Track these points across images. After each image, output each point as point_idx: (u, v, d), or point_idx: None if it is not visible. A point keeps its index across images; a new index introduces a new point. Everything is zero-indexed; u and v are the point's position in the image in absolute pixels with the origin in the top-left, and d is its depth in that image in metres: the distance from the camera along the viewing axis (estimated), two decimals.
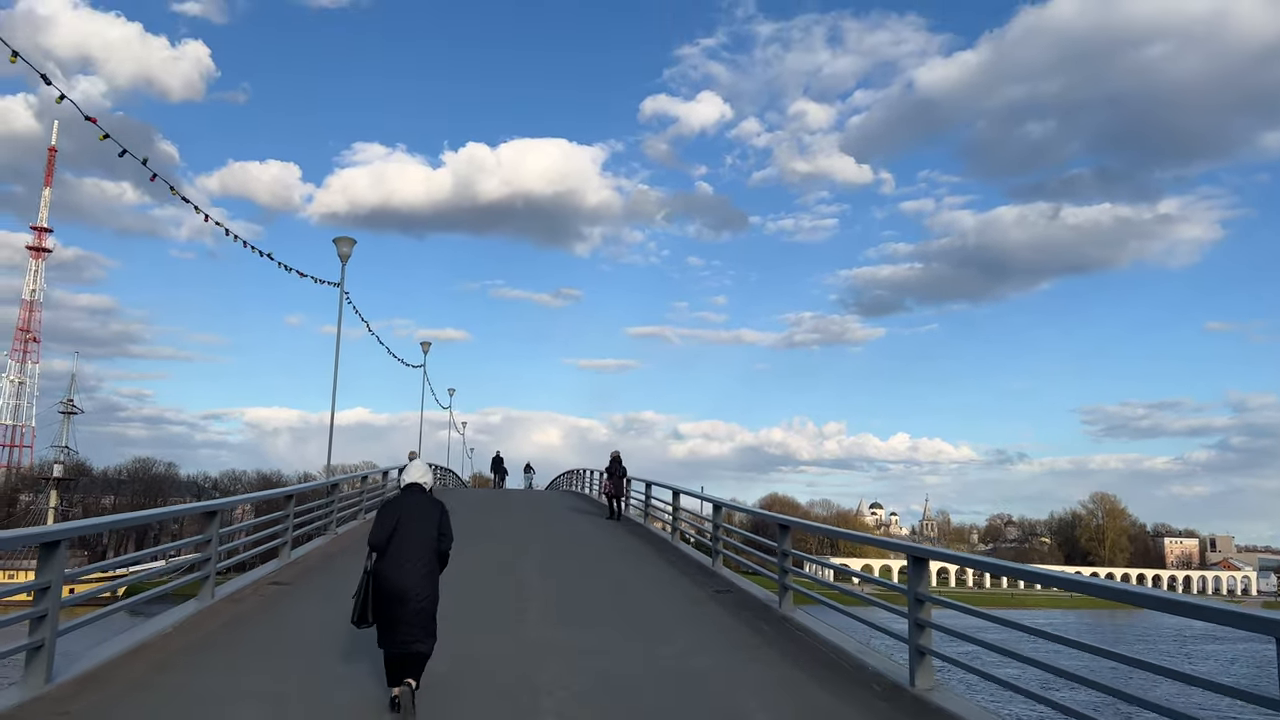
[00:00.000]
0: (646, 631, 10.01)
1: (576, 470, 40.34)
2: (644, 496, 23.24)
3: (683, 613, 11.34)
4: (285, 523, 14.12)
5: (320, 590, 11.76)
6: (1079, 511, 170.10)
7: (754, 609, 11.65)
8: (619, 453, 25.19)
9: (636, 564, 15.82)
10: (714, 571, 14.82)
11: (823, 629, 10.19)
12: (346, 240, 19.87)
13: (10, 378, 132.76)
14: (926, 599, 7.96)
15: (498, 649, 8.91)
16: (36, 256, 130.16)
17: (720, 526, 15.36)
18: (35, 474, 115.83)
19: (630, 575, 14.38)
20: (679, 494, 19.43)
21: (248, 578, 12.03)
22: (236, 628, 9.28)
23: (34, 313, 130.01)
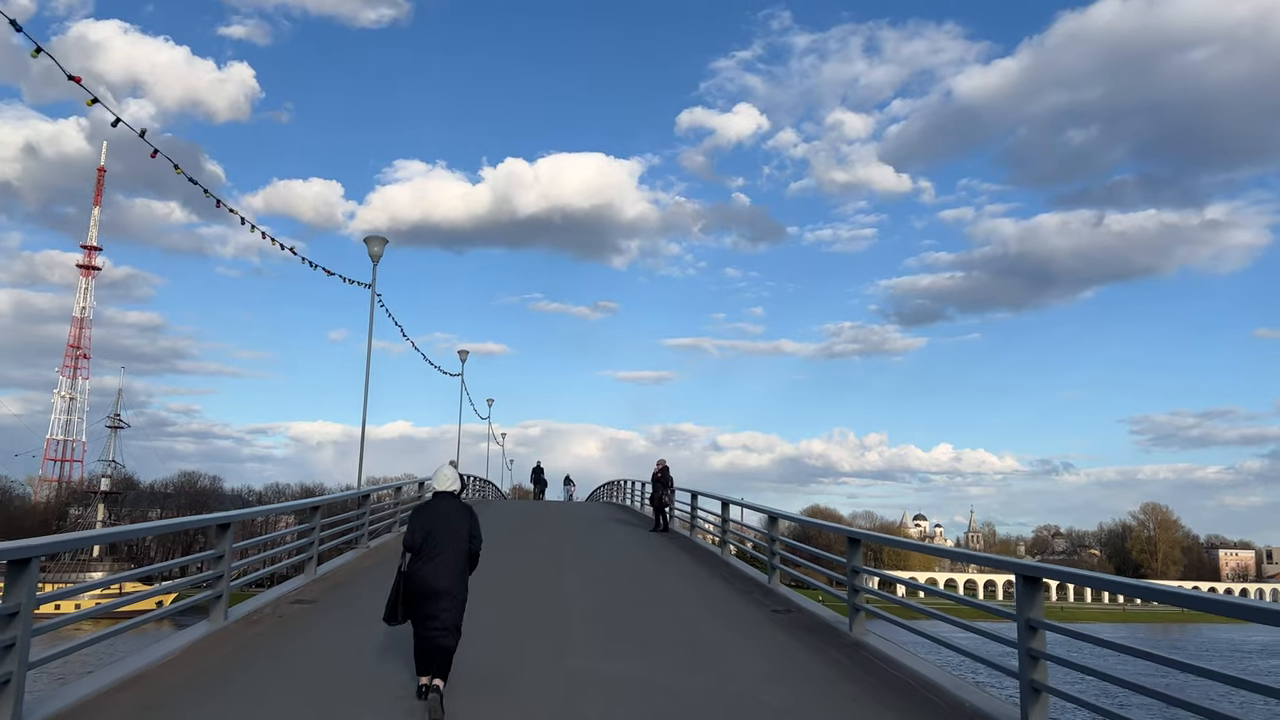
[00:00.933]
0: (704, 661, 8.87)
1: (617, 481, 39.35)
2: (689, 507, 22.07)
3: (742, 637, 10.17)
4: (311, 536, 13.22)
5: (346, 610, 10.79)
6: (1129, 523, 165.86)
7: (821, 633, 10.45)
8: (666, 462, 24.18)
9: (686, 580, 14.67)
10: (770, 589, 13.62)
11: (904, 657, 8.96)
12: (378, 239, 19.08)
13: (61, 393, 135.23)
14: (1041, 625, 6.73)
15: (538, 683, 7.83)
16: (86, 274, 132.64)
17: (776, 540, 14.16)
18: (84, 488, 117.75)
19: (681, 593, 13.23)
20: (728, 505, 18.23)
21: (268, 596, 11.10)
22: (247, 655, 8.31)
23: (84, 330, 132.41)
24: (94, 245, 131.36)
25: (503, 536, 20.50)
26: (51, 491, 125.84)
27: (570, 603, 11.97)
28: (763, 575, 14.76)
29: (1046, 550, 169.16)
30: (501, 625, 10.24)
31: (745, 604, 12.43)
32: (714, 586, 14.08)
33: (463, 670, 8.02)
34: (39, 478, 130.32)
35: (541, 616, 10.87)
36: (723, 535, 18.00)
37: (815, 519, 16.64)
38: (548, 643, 9.42)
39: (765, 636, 10.26)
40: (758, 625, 10.92)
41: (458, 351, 38.39)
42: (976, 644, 8.66)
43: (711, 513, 20.99)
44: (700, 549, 19.34)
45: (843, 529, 11.04)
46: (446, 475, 7.90)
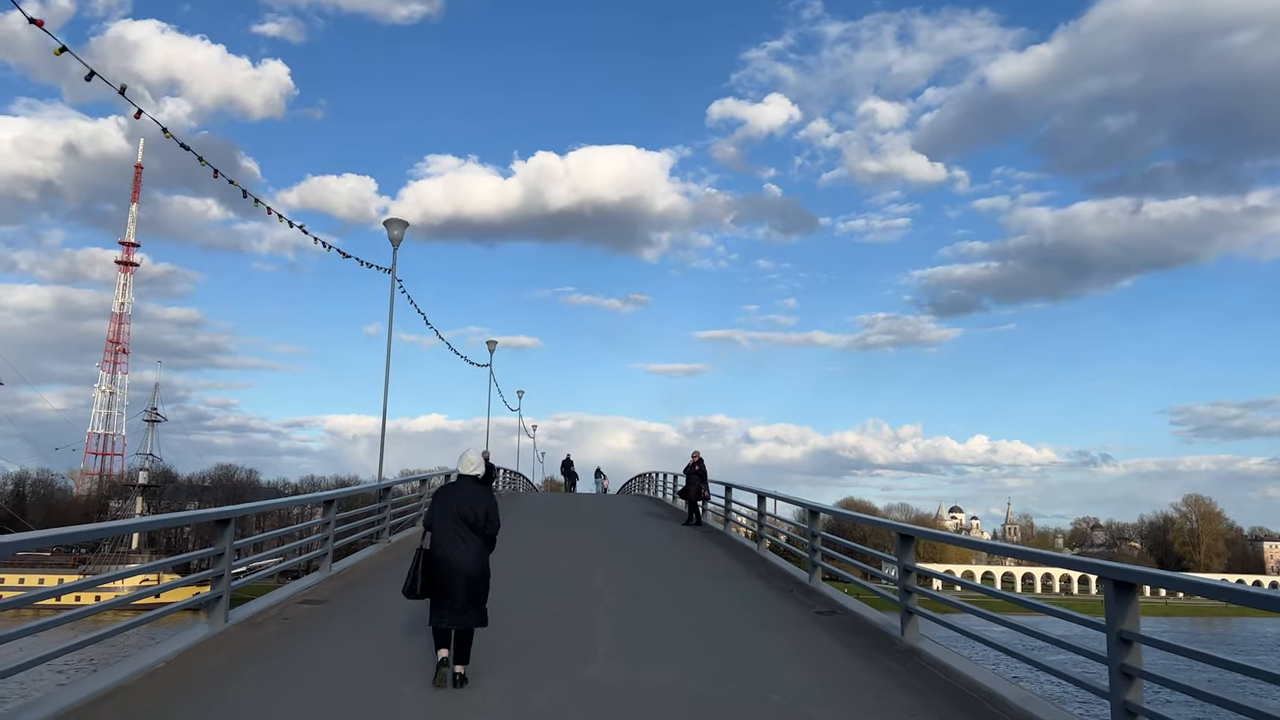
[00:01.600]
0: (744, 669, 8.04)
1: (649, 473, 38.65)
2: (724, 501, 21.23)
3: (785, 642, 9.33)
4: (325, 531, 12.58)
5: (358, 611, 10.11)
6: (1170, 515, 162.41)
7: (870, 636, 9.57)
8: (700, 454, 23.36)
9: (721, 578, 13.83)
10: (812, 588, 12.76)
11: (963, 666, 8.08)
12: (397, 223, 18.43)
13: (101, 388, 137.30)
14: (1136, 638, 5.82)
15: (560, 695, 7.06)
16: (125, 270, 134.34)
17: (818, 535, 13.28)
18: (123, 481, 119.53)
19: (715, 592, 12.41)
20: (764, 498, 17.39)
21: (275, 596, 10.45)
22: (243, 663, 7.61)
23: (123, 325, 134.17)
24: (132, 242, 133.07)
25: (530, 529, 19.84)
26: (93, 485, 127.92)
27: (597, 600, 11.20)
28: (802, 572, 13.90)
29: (1085, 543, 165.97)
30: (522, 624, 9.50)
31: (785, 604, 11.59)
32: (750, 584, 13.25)
33: (476, 671, 7.30)
34: (80, 471, 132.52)
35: (565, 615, 10.11)
36: (759, 530, 17.17)
37: (861, 513, 15.60)
38: (570, 645, 8.65)
39: (809, 640, 9.40)
40: (800, 628, 10.08)
41: (486, 342, 37.87)
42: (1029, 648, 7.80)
43: (747, 506, 20.16)
44: (735, 544, 18.51)
45: (895, 524, 10.16)
46: (471, 459, 7.97)
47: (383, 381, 18.57)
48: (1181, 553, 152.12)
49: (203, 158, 16.17)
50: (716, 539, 19.57)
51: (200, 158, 16.07)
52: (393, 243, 18.42)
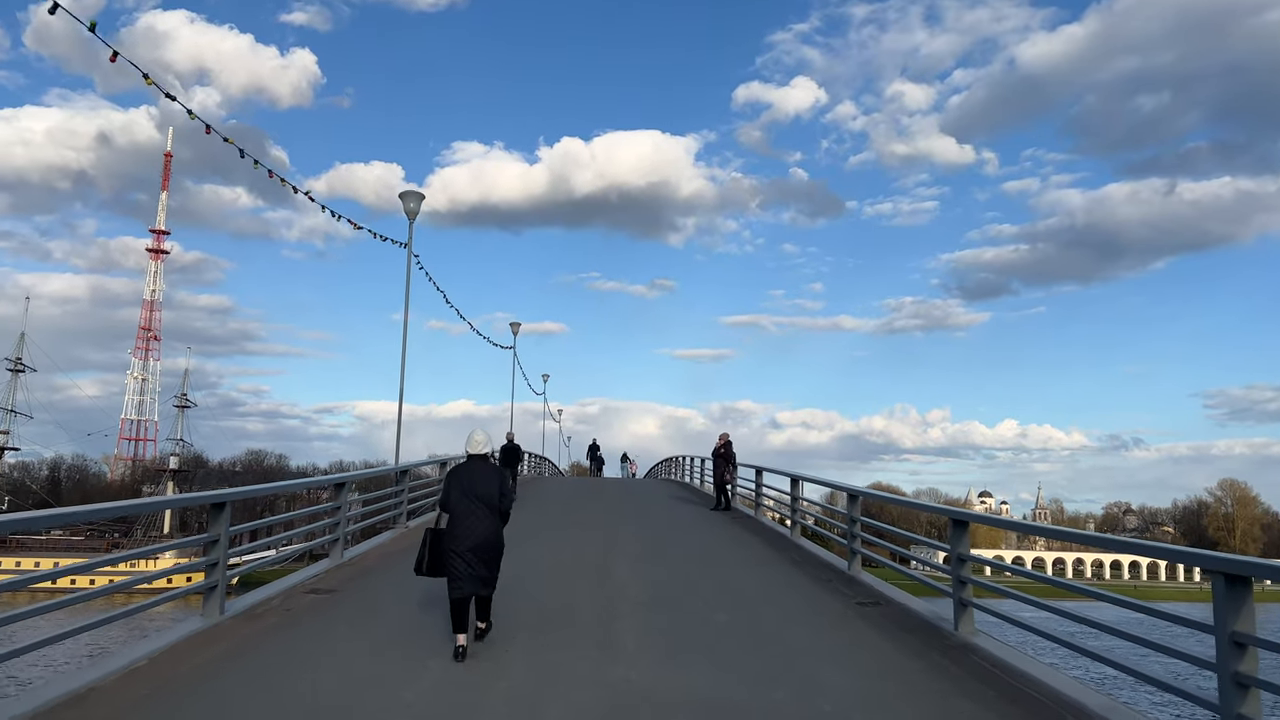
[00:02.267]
0: (783, 669, 7.25)
1: (676, 458, 37.94)
2: (754, 485, 20.42)
3: (827, 638, 8.52)
4: (337, 515, 11.94)
5: (366, 602, 9.43)
6: (1205, 499, 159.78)
7: (919, 631, 8.74)
8: (729, 436, 22.62)
9: (754, 566, 13.04)
10: (851, 576, 11.93)
11: (1027, 665, 7.25)
12: (414, 195, 17.65)
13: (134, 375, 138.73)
14: (1253, 641, 4.96)
15: (579, 698, 6.32)
16: (155, 258, 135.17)
17: (857, 520, 12.44)
18: (155, 466, 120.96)
19: (748, 581, 11.62)
20: (798, 481, 16.54)
21: (278, 585, 9.81)
22: (232, 661, 6.93)
23: (154, 312, 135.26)
24: (162, 229, 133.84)
25: (554, 515, 19.16)
26: (126, 470, 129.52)
27: (622, 592, 10.46)
28: (839, 560, 13.07)
29: (1117, 527, 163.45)
30: (542, 619, 8.78)
31: (824, 594, 10.77)
32: (785, 573, 12.45)
33: (487, 677, 6.59)
34: (114, 456, 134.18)
35: (588, 609, 9.38)
36: (792, 515, 16.35)
37: (904, 497, 14.66)
38: (593, 644, 7.91)
39: (854, 636, 8.59)
40: (842, 621, 9.26)
41: (510, 324, 37.25)
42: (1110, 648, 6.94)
43: (779, 490, 19.35)
44: (767, 529, 17.71)
45: (949, 510, 9.29)
46: (478, 438, 8.21)
47: (412, 368, 17.92)
48: (1216, 537, 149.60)
49: (228, 138, 15.89)
50: (747, 524, 18.78)
51: (225, 137, 15.93)
52: (408, 216, 17.68)
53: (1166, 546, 6.18)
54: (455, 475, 7.90)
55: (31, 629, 9.23)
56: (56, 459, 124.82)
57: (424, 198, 17.74)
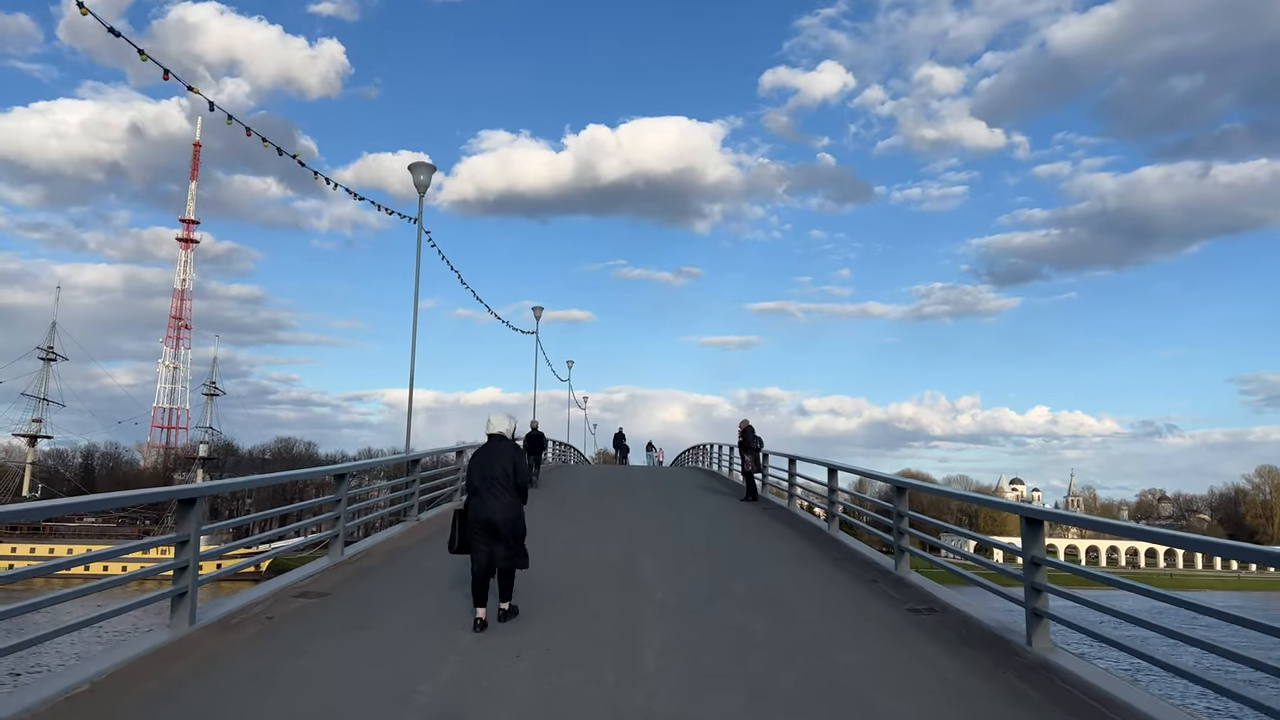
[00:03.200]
0: (835, 698, 6.16)
1: (703, 445, 36.88)
2: (787, 474, 19.30)
3: (881, 654, 7.41)
4: (336, 509, 11.00)
5: (361, 610, 8.45)
6: (1242, 486, 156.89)
7: (986, 646, 7.61)
8: (749, 422, 21.58)
9: (791, 564, 11.94)
10: (899, 577, 10.81)
11: (1117, 688, 6.12)
12: (424, 166, 16.59)
13: (165, 363, 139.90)
14: None
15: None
16: (185, 247, 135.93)
17: (905, 515, 11.30)
18: (185, 454, 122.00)
19: (786, 583, 10.52)
20: (836, 471, 15.40)
21: (265, 588, 8.87)
22: (190, 686, 5.94)
23: (185, 301, 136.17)
24: (192, 219, 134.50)
25: (574, 504, 18.18)
26: (158, 457, 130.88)
27: (647, 595, 9.42)
28: (884, 558, 11.95)
29: (1151, 515, 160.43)
30: (554, 628, 7.76)
31: (872, 598, 9.66)
32: (826, 572, 11.34)
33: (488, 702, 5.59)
34: (147, 444, 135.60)
35: (607, 616, 8.35)
36: (830, 507, 15.21)
37: (960, 490, 13.50)
38: (611, 660, 6.88)
39: (912, 652, 7.48)
40: (896, 633, 8.15)
41: (532, 308, 36.23)
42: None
43: (813, 480, 18.24)
44: (802, 522, 16.60)
45: (1019, 506, 8.11)
46: (494, 421, 8.57)
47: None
48: (1254, 525, 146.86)
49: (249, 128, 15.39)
50: (780, 516, 17.68)
51: (247, 129, 15.30)
52: (418, 188, 16.67)
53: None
54: (476, 457, 8.41)
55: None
56: (90, 447, 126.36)
57: (434, 169, 16.70)
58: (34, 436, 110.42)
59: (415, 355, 16.20)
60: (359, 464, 12.57)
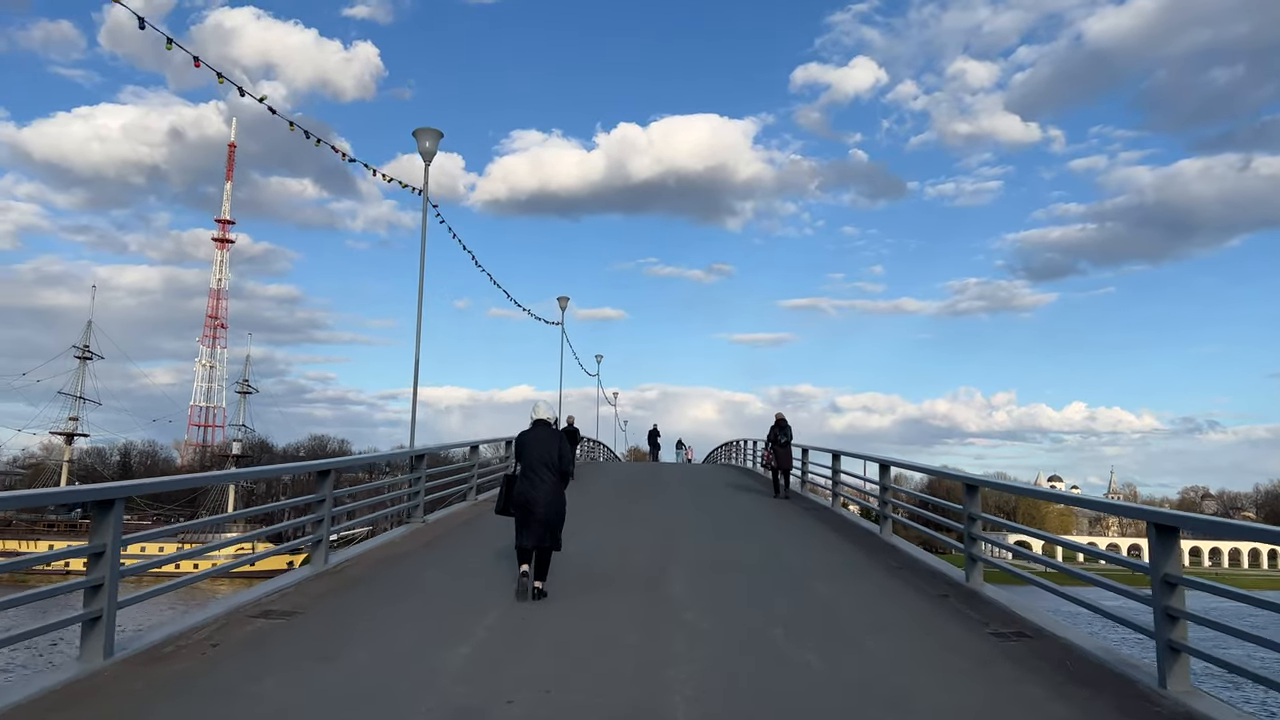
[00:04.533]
0: None
1: (735, 442, 35.36)
2: (830, 471, 17.67)
3: (974, 698, 5.80)
4: (319, 510, 9.60)
5: (330, 637, 6.98)
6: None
7: (1104, 687, 5.99)
8: (783, 415, 20.28)
9: (843, 577, 10.32)
10: (972, 590, 9.18)
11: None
12: (430, 132, 15.11)
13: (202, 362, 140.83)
14: None
15: None
16: (221, 247, 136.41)
17: (976, 519, 9.66)
18: (219, 452, 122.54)
19: (840, 599, 8.93)
20: (888, 467, 13.72)
21: (225, 604, 7.48)
22: None
23: (221, 301, 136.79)
24: (228, 219, 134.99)
25: (601, 505, 16.66)
26: (195, 455, 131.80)
27: (676, 615, 7.90)
28: (952, 568, 10.32)
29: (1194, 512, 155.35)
30: (560, 657, 6.27)
31: (945, 619, 8.04)
32: (885, 585, 9.72)
33: None
34: (184, 442, 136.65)
35: (627, 642, 6.85)
36: (881, 508, 13.57)
37: (1071, 495, 11.64)
38: (623, 706, 5.37)
39: (1013, 694, 5.86)
40: (984, 667, 6.54)
41: (557, 299, 34.97)
42: None
43: (858, 476, 16.62)
44: (849, 525, 14.98)
45: (1149, 511, 6.45)
46: (540, 408, 9.09)
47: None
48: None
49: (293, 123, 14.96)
50: (823, 517, 16.06)
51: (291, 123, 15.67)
52: (423, 157, 15.23)
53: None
54: (522, 440, 8.88)
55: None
56: (127, 445, 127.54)
57: (442, 136, 15.27)
58: (71, 435, 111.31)
59: (420, 334, 14.89)
60: (347, 460, 11.10)
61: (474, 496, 16.75)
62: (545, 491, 8.50)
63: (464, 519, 14.28)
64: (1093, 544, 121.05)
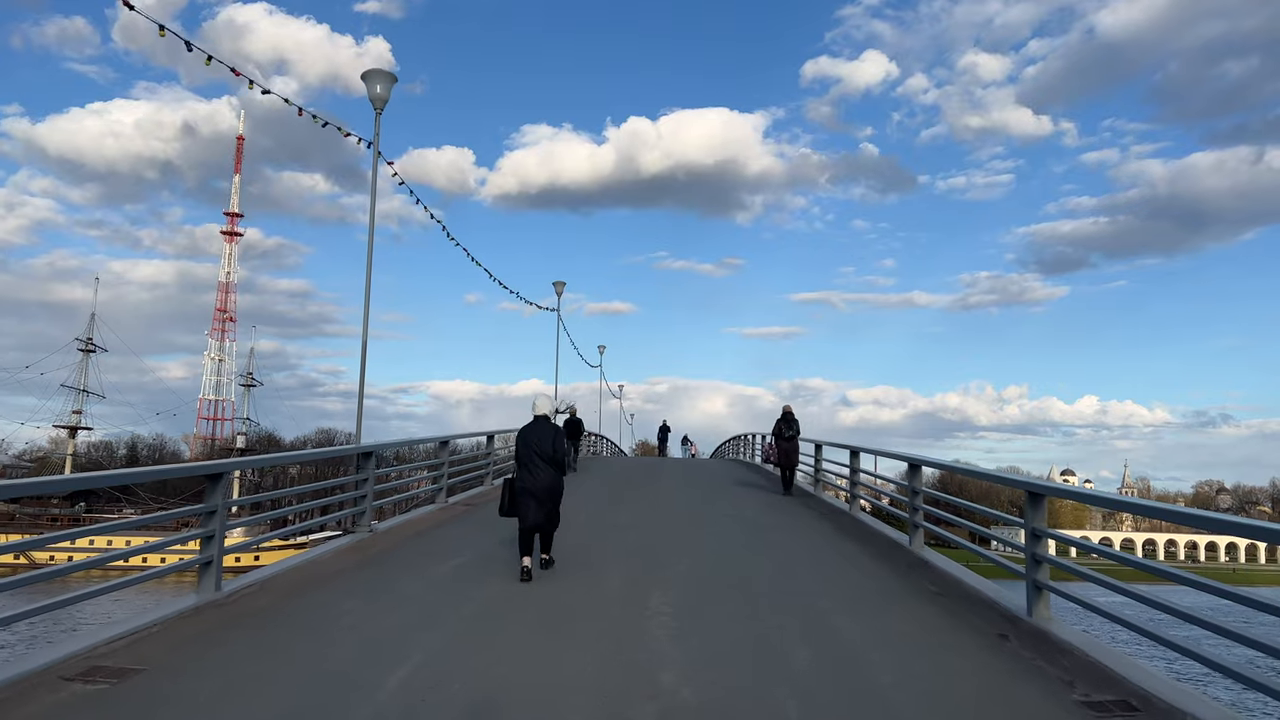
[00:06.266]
0: None
1: (743, 436, 33.36)
2: (849, 470, 15.61)
3: None
4: (208, 524, 7.57)
5: (259, 673, 5.04)
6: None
7: None
8: (790, 408, 18.84)
9: (875, 609, 8.16)
10: (1039, 629, 7.09)
11: None
12: (381, 75, 12.72)
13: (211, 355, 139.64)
14: None
15: None
16: (229, 240, 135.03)
17: (1042, 536, 7.58)
18: (226, 445, 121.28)
19: (876, 649, 6.82)
20: (918, 467, 11.55)
21: (35, 661, 5.52)
22: None
23: (229, 294, 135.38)
24: (236, 212, 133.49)
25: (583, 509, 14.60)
26: (204, 448, 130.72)
27: (648, 678, 5.89)
28: (1011, 598, 8.24)
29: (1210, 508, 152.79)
30: None
31: (1017, 680, 5.94)
32: (929, 621, 7.59)
33: None
34: (194, 435, 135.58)
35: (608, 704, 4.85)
36: (912, 516, 11.44)
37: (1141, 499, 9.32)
38: None
39: None
40: None
41: (553, 283, 32.91)
42: None
43: (878, 476, 14.54)
44: (870, 534, 12.89)
45: (1259, 527, 4.41)
46: (538, 404, 9.71)
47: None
48: None
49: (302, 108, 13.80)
50: (839, 523, 14.00)
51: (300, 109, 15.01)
52: (374, 103, 13.09)
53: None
54: (522, 434, 9.44)
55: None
56: (134, 438, 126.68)
57: (395, 80, 13.17)
58: (74, 428, 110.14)
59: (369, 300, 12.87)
60: (240, 462, 8.61)
61: (444, 499, 14.77)
62: (543, 478, 9.19)
63: (419, 528, 12.27)
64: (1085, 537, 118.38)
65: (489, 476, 18.35)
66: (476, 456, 18.41)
